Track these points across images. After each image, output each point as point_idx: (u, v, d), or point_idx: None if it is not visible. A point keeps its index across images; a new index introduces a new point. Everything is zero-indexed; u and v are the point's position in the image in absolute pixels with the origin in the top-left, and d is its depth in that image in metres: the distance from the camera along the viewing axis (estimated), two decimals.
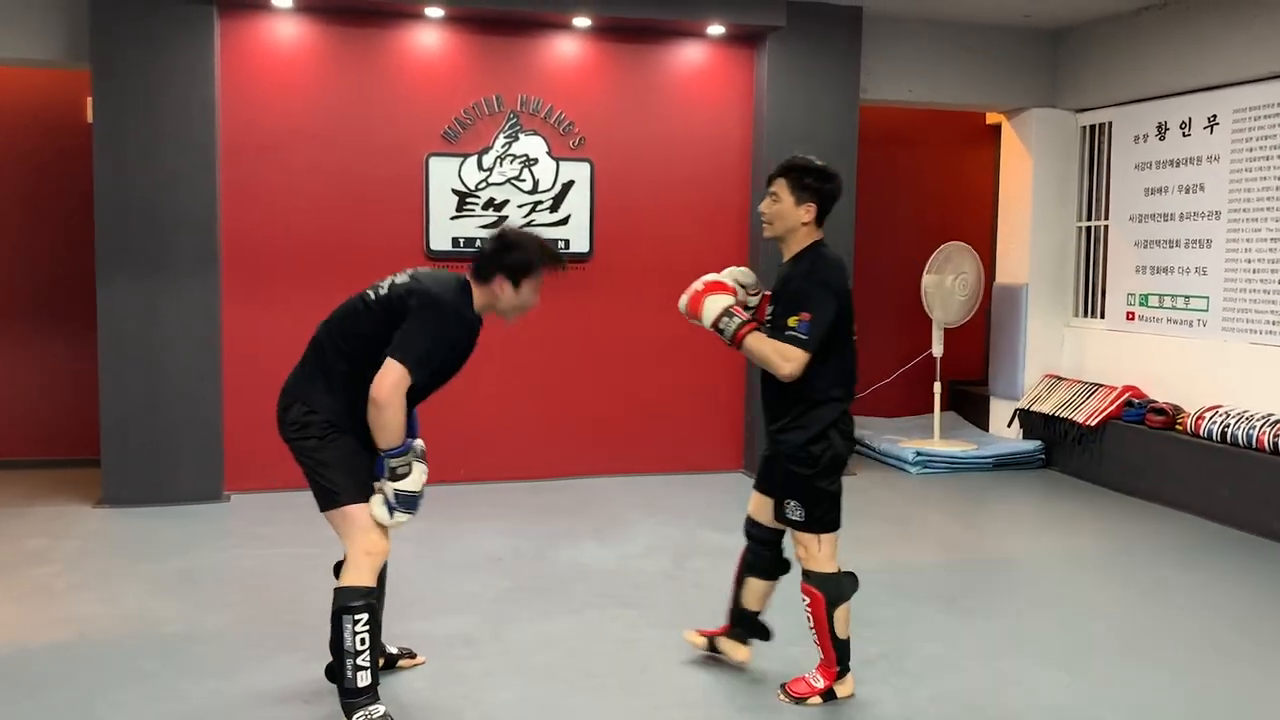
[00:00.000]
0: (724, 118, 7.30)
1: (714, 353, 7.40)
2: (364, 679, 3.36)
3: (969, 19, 7.69)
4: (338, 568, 3.58)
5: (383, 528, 3.47)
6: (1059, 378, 8.04)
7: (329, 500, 3.49)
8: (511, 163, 6.92)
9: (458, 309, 3.46)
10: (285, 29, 6.58)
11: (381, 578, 3.65)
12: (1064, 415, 7.60)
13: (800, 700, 3.74)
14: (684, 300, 3.73)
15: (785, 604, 4.10)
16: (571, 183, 7.01)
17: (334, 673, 3.48)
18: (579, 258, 7.08)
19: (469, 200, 6.87)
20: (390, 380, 3.32)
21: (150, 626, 4.41)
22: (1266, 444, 6.10)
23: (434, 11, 6.60)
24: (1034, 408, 7.95)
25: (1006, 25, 7.85)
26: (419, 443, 3.64)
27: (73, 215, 7.20)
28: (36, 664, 4.01)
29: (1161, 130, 7.33)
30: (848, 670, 3.79)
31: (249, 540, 5.69)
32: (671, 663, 4.12)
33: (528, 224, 6.94)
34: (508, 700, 3.74)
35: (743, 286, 3.82)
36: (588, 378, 7.17)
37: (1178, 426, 6.84)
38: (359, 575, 3.41)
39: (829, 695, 3.75)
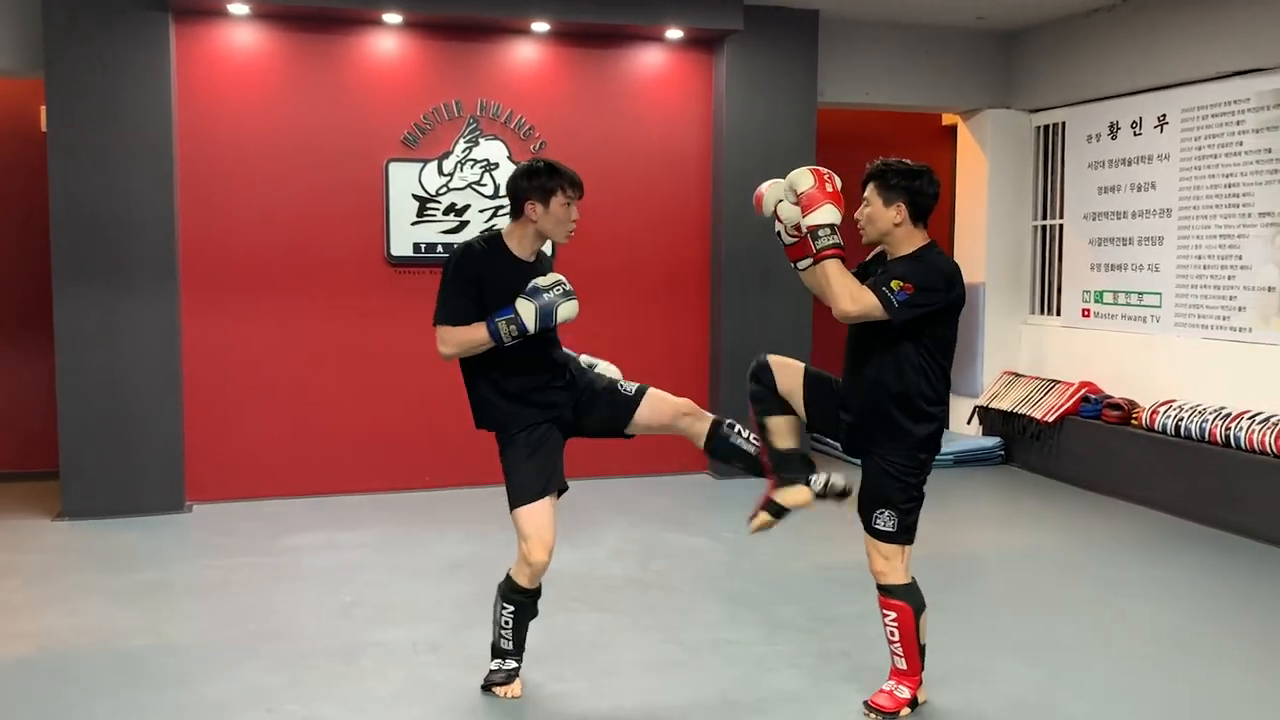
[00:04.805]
0: (684, 121, 7.34)
1: (678, 353, 7.44)
2: (505, 644, 3.83)
3: (924, 21, 7.78)
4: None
5: (544, 545, 3.69)
6: (1017, 375, 8.15)
7: (509, 502, 3.76)
8: (472, 167, 6.92)
9: (455, 251, 3.72)
10: (241, 36, 6.54)
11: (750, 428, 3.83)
12: (1022, 412, 7.71)
13: (891, 715, 3.61)
14: (806, 180, 3.50)
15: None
16: None
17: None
18: None
19: (430, 205, 6.86)
20: (438, 344, 3.70)
21: (112, 639, 4.37)
22: (1219, 437, 6.22)
23: (391, 17, 6.58)
24: (993, 405, 8.06)
25: (960, 27, 7.95)
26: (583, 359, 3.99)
27: (29, 225, 7.11)
28: None
29: (1113, 129, 7.45)
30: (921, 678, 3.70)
31: (211, 551, 5.65)
32: (640, 665, 4.14)
33: (489, 228, 6.93)
34: (474, 706, 3.75)
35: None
36: None
37: (1133, 421, 6.96)
38: (520, 576, 3.75)
39: (913, 703, 3.65)
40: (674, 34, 7.07)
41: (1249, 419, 6.12)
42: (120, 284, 6.20)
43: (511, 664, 3.84)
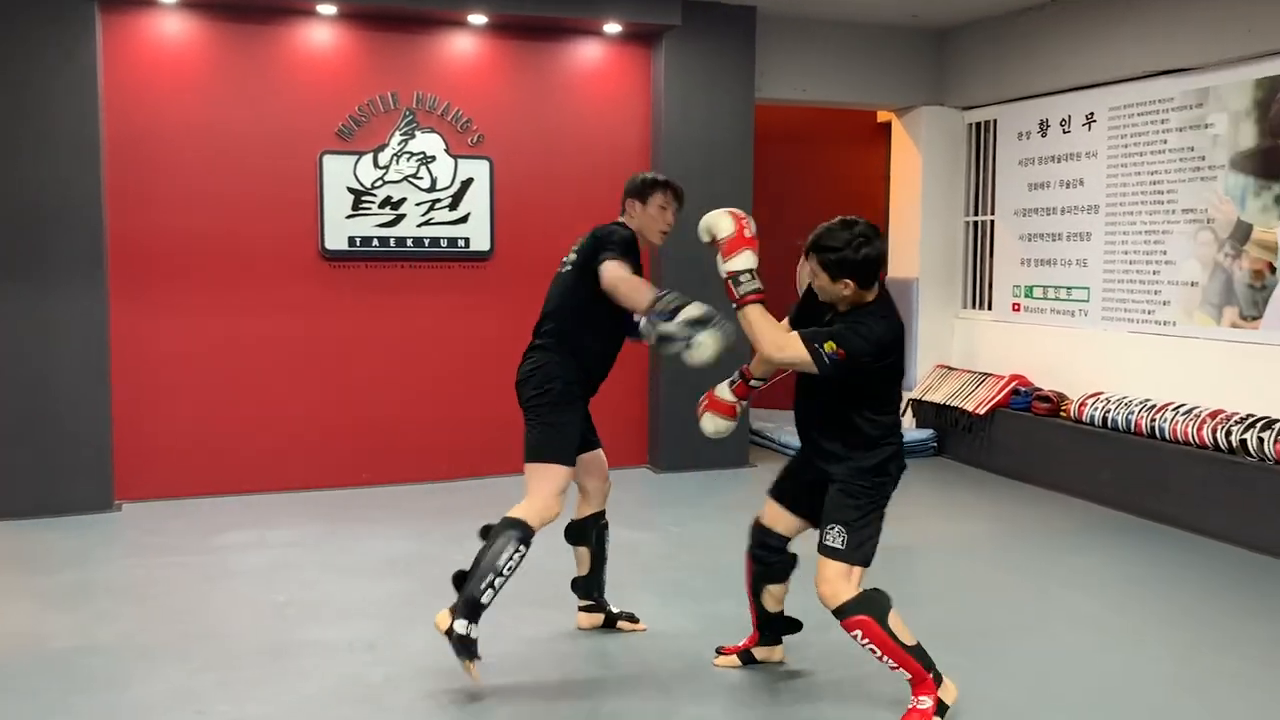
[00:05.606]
0: (623, 116, 7.34)
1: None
2: (488, 597, 3.72)
3: (859, 19, 7.86)
4: (484, 530, 3.89)
5: (563, 501, 3.92)
6: (950, 368, 8.28)
7: (535, 453, 3.96)
8: (408, 160, 6.85)
9: (618, 227, 4.05)
10: (171, 25, 6.41)
11: (602, 543, 4.34)
12: (955, 404, 7.84)
13: None
14: (725, 226, 3.51)
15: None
16: (470, 180, 6.97)
17: (462, 579, 3.79)
18: (479, 256, 7.05)
19: (365, 198, 6.78)
20: (609, 270, 3.78)
21: (38, 642, 4.26)
22: (1144, 428, 6.37)
23: (326, 8, 6.50)
24: (926, 397, 8.17)
25: (895, 25, 8.04)
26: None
27: None
28: None
29: (1043, 127, 7.59)
30: (940, 675, 3.52)
31: (141, 550, 5.54)
32: (580, 659, 4.14)
33: (426, 222, 6.90)
34: (410, 704, 3.72)
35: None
36: (489, 377, 7.13)
37: (1062, 413, 7.11)
38: (529, 517, 3.83)
39: (942, 709, 3.49)
40: (612, 28, 7.07)
41: (1173, 410, 6.27)
42: (44, 278, 6.04)
43: (476, 631, 3.77)
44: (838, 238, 3.41)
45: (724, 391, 3.93)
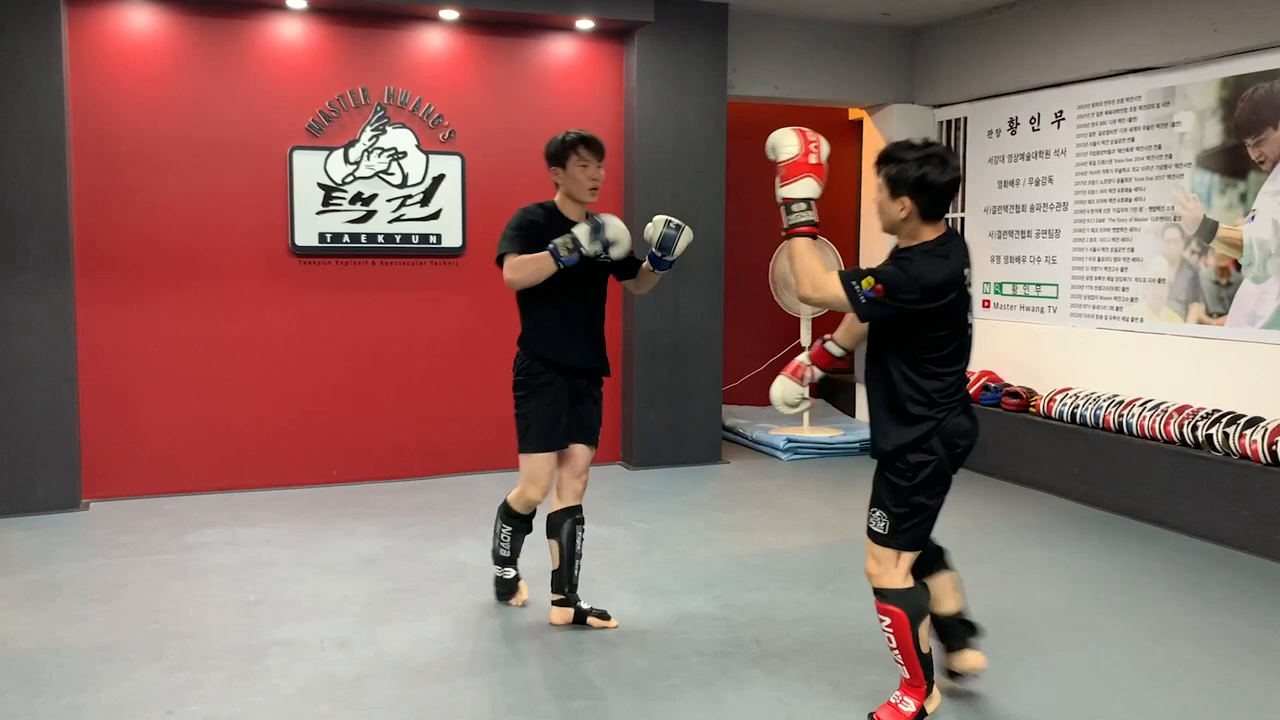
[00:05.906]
0: (595, 112, 7.33)
1: None
2: (503, 552, 4.54)
3: (831, 17, 7.89)
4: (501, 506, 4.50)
5: (541, 489, 4.29)
6: None
7: (519, 444, 4.27)
8: (379, 156, 6.82)
9: (518, 212, 4.26)
10: (139, 19, 6.34)
11: (573, 539, 4.38)
12: None
13: None
14: (789, 147, 3.26)
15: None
16: (442, 176, 6.95)
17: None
18: (451, 253, 7.02)
19: (335, 194, 6.74)
20: (504, 274, 4.12)
21: (2, 643, 4.22)
22: (1112, 423, 6.44)
23: (296, 2, 6.45)
24: None
25: (867, 23, 8.08)
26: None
27: None
28: None
29: (1013, 125, 7.65)
30: (932, 685, 3.49)
31: (109, 549, 5.48)
32: (551, 658, 4.14)
33: (397, 218, 6.86)
34: (383, 703, 3.71)
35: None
36: (462, 373, 7.13)
37: (1031, 408, 7.17)
38: (516, 504, 4.40)
39: (920, 716, 3.45)
40: (584, 24, 7.06)
41: (1140, 406, 6.34)
42: (10, 275, 5.97)
43: (511, 571, 4.54)
44: (905, 152, 3.21)
45: (801, 357, 3.91)
